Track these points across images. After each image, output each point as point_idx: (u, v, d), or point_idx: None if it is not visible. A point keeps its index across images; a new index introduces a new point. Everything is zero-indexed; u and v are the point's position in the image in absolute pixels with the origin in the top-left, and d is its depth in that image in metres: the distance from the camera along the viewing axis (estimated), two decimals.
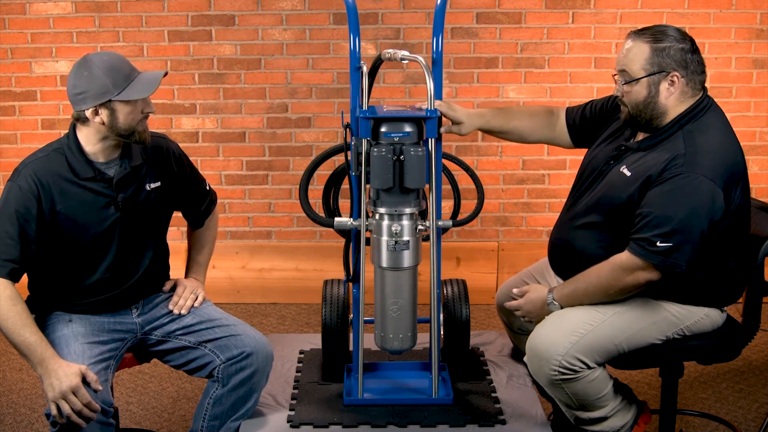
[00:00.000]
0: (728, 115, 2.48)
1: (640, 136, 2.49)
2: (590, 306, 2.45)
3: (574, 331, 2.40)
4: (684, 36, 2.39)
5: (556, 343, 2.39)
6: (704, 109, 2.40)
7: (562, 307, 2.47)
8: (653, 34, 2.38)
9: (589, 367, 2.40)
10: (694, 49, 2.39)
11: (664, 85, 2.38)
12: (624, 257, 2.33)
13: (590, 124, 2.69)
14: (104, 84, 2.33)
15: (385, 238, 2.38)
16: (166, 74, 2.43)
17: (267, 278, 4.54)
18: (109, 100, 2.34)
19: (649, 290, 2.41)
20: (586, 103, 2.74)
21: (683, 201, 2.26)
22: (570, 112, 2.74)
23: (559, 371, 2.38)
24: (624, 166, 2.43)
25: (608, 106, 2.67)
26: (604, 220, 2.45)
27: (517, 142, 2.80)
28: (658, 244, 2.26)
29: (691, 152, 2.31)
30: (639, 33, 2.40)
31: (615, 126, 2.60)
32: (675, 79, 2.37)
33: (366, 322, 2.65)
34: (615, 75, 2.46)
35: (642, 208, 2.32)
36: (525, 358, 2.49)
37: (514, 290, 2.61)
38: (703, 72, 2.41)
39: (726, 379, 3.56)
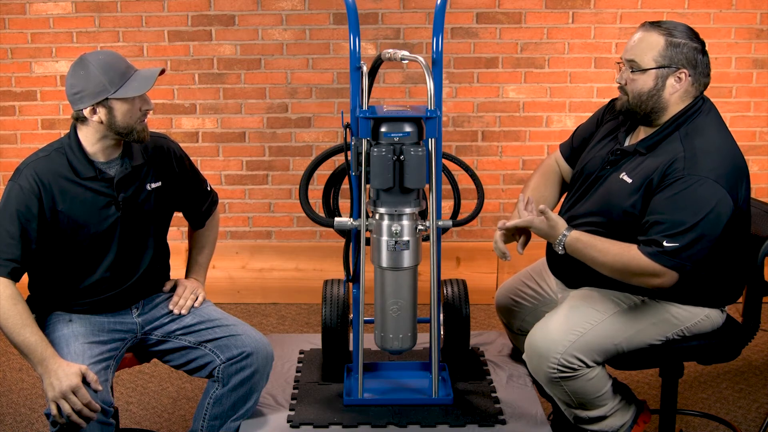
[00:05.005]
0: (728, 115, 2.49)
1: (636, 139, 2.48)
2: (591, 305, 2.45)
3: (573, 329, 2.40)
4: (697, 36, 2.40)
5: (555, 341, 2.39)
6: (699, 109, 2.40)
7: (565, 251, 2.38)
8: (668, 28, 2.37)
9: (587, 366, 2.40)
10: (704, 52, 2.39)
11: (670, 81, 2.37)
12: (638, 259, 2.27)
13: (581, 148, 2.68)
14: (100, 82, 2.33)
15: (385, 238, 2.38)
16: (163, 71, 2.42)
17: (267, 278, 4.54)
18: (107, 99, 2.34)
19: (651, 290, 2.41)
20: (572, 135, 2.74)
21: (689, 203, 2.25)
22: (563, 148, 2.74)
23: (557, 369, 2.38)
24: (623, 173, 2.41)
25: (593, 128, 2.68)
26: (604, 226, 2.43)
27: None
28: (664, 244, 2.24)
29: (691, 155, 2.30)
30: (653, 25, 2.39)
31: (607, 128, 2.59)
32: (683, 76, 2.37)
33: (366, 322, 2.65)
34: (620, 62, 2.45)
35: (649, 215, 2.31)
36: (524, 356, 2.49)
37: (541, 207, 2.39)
38: (708, 75, 2.41)
39: (726, 379, 3.56)
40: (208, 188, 2.77)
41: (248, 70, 4.36)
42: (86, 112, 2.37)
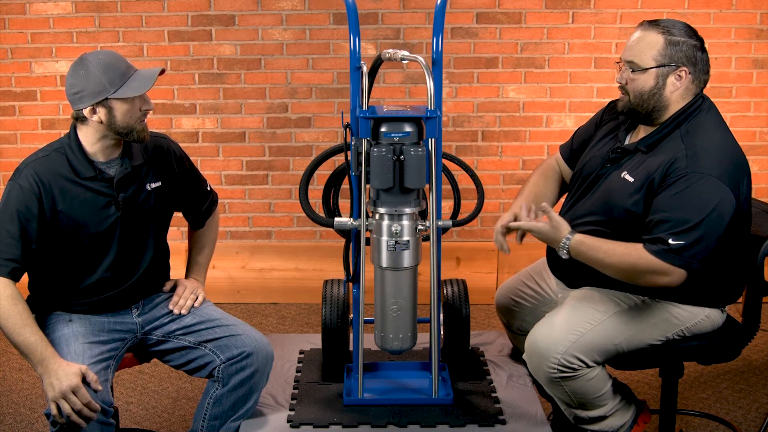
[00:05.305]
0: (728, 115, 2.48)
1: (636, 137, 2.48)
2: (591, 305, 2.45)
3: (573, 329, 2.40)
4: (695, 33, 2.39)
5: (555, 341, 2.39)
6: (699, 107, 2.40)
7: (569, 254, 2.38)
8: (667, 26, 2.37)
9: (588, 366, 2.40)
10: (704, 49, 2.39)
11: (671, 79, 2.37)
12: (645, 258, 2.26)
13: (581, 150, 2.68)
14: (100, 82, 2.33)
15: (385, 238, 2.38)
16: (163, 71, 2.42)
17: (267, 278, 4.54)
18: (106, 98, 2.34)
19: (652, 290, 2.41)
20: (572, 137, 2.75)
21: (693, 201, 2.25)
22: (563, 150, 2.75)
23: (557, 369, 2.38)
24: (625, 172, 2.41)
25: (592, 130, 2.67)
26: (605, 225, 2.43)
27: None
28: (670, 242, 2.24)
29: (692, 152, 2.30)
30: (652, 23, 2.39)
31: (607, 128, 2.59)
32: (683, 74, 2.37)
33: (366, 322, 2.65)
34: (619, 62, 2.44)
35: (653, 213, 2.30)
36: (524, 356, 2.49)
37: (542, 205, 2.40)
38: (708, 72, 2.41)
39: (726, 379, 3.56)
40: (208, 188, 2.77)
41: (248, 70, 4.36)
42: (86, 112, 2.37)
